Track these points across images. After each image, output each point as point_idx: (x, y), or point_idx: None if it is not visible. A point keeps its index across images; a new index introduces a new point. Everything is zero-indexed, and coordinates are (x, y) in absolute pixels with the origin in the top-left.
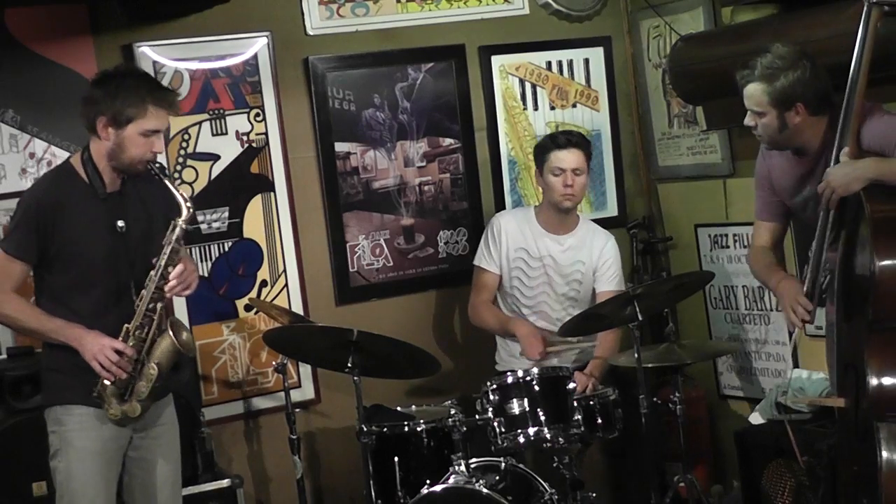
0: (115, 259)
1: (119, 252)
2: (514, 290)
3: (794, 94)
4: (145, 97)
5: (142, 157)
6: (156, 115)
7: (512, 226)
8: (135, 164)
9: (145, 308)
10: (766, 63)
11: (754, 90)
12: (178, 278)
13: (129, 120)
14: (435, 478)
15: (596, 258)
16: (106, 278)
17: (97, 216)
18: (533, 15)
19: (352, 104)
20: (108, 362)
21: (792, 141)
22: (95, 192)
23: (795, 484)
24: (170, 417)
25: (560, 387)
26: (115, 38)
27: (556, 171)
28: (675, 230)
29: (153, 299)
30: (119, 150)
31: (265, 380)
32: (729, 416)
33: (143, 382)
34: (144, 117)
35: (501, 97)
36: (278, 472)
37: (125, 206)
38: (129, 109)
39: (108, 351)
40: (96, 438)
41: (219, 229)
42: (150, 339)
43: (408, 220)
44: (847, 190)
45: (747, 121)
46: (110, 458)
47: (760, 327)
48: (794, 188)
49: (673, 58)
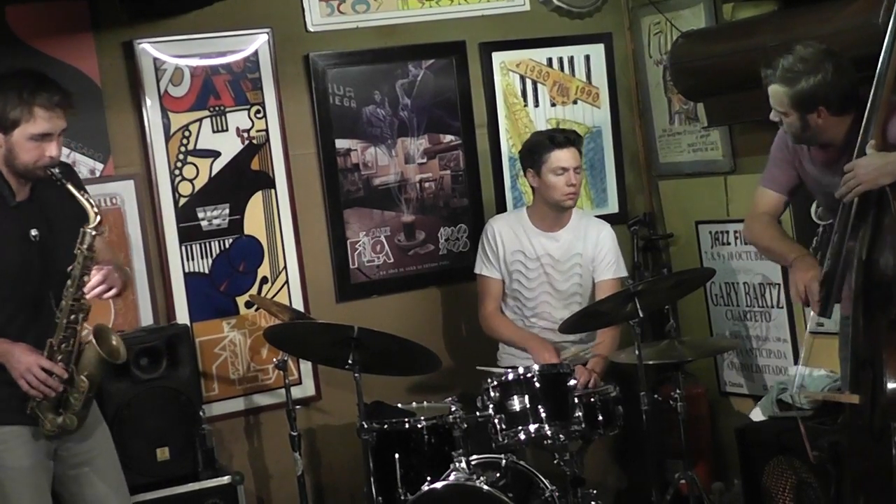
0: (30, 269)
1: (33, 262)
2: (515, 292)
3: (816, 98)
4: (30, 99)
5: (36, 163)
6: (44, 118)
7: (506, 229)
8: (30, 170)
9: (66, 320)
10: (788, 66)
11: (776, 91)
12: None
13: (14, 124)
14: (436, 475)
15: (592, 248)
16: (21, 290)
17: (8, 226)
18: (534, 11)
19: (352, 101)
20: (36, 381)
21: (817, 138)
22: (4, 200)
23: (797, 481)
24: (99, 430)
25: (561, 384)
26: (116, 34)
27: (558, 170)
28: (675, 227)
29: (72, 311)
30: (11, 156)
31: (266, 376)
32: (730, 412)
33: (76, 395)
34: (31, 121)
35: (502, 94)
36: (279, 468)
37: (37, 214)
38: (13, 112)
39: (35, 370)
40: (25, 455)
41: (219, 226)
42: (76, 351)
43: (408, 217)
44: (875, 184)
45: (772, 116)
46: (43, 471)
47: (761, 324)
48: (816, 173)
49: (674, 54)
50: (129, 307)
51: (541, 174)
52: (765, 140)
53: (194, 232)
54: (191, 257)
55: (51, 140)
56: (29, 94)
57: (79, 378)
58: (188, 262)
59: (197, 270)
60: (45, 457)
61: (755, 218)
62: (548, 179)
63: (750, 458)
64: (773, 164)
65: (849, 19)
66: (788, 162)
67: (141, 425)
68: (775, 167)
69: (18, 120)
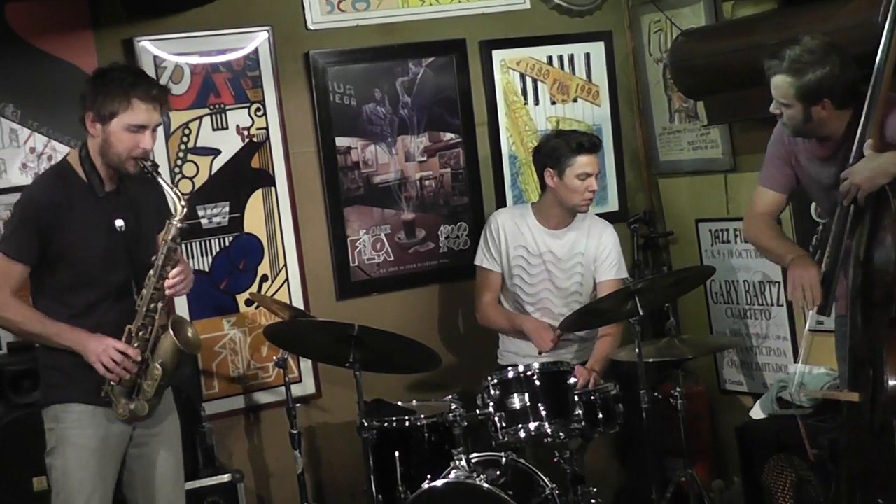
0: (115, 258)
1: (118, 251)
2: (515, 287)
3: (822, 90)
4: (129, 91)
5: (129, 154)
6: (141, 109)
7: (510, 224)
8: (123, 160)
9: (146, 308)
10: (795, 56)
11: (781, 82)
12: (178, 277)
13: (112, 114)
14: (436, 473)
15: (595, 248)
16: (106, 278)
17: (96, 215)
18: (534, 9)
19: (352, 99)
20: (112, 364)
21: (816, 132)
22: (94, 190)
23: (797, 479)
24: (168, 407)
25: (561, 381)
26: (116, 32)
27: (582, 175)
28: (676, 225)
29: (153, 299)
30: (106, 146)
31: (266, 374)
32: (730, 410)
33: (149, 382)
34: (128, 111)
35: (502, 92)
36: (279, 466)
37: (123, 205)
38: (113, 103)
39: (111, 352)
40: (93, 436)
41: (219, 224)
42: (153, 339)
43: (408, 215)
44: (872, 186)
45: (773, 108)
46: (109, 455)
47: (761, 322)
48: (813, 168)
49: (674, 52)
50: None
51: (563, 177)
52: (765, 138)
53: (194, 230)
54: (191, 255)
55: (145, 132)
56: (129, 85)
57: (153, 365)
58: (188, 259)
59: (197, 268)
60: (117, 442)
61: (753, 217)
62: (571, 183)
63: (750, 456)
64: (770, 163)
65: (849, 17)
66: (784, 160)
67: None
68: (772, 166)
69: (117, 110)
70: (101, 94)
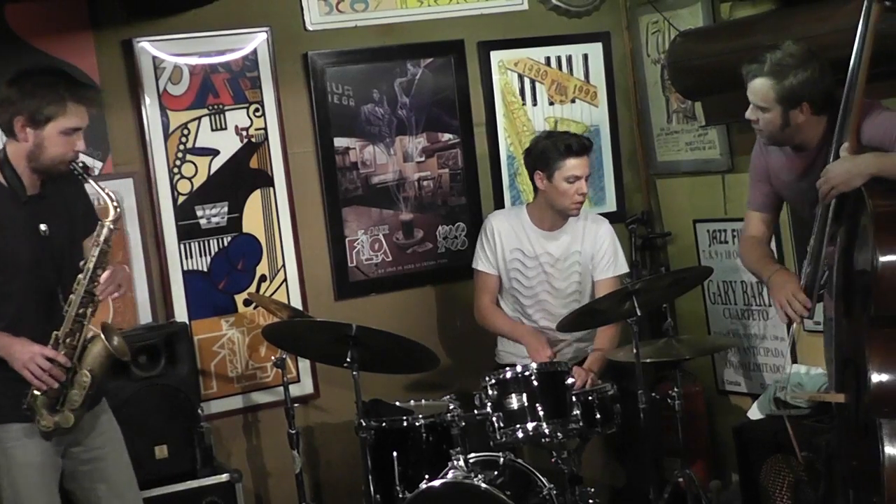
0: (40, 264)
1: (43, 256)
2: (513, 289)
3: (802, 94)
4: (64, 94)
5: (63, 157)
6: (76, 113)
7: (505, 226)
8: (56, 164)
9: (75, 313)
10: (776, 59)
11: (761, 85)
12: (108, 280)
13: (48, 119)
14: (434, 473)
15: (591, 246)
16: (30, 284)
17: (19, 220)
18: (532, 10)
19: (351, 99)
20: (40, 371)
21: (793, 138)
22: (16, 195)
23: (794, 479)
24: (108, 425)
25: (558, 382)
26: (115, 33)
27: (570, 178)
28: (673, 225)
29: (82, 304)
30: (39, 150)
31: (264, 374)
32: (727, 411)
33: (76, 391)
34: (64, 115)
35: (500, 92)
36: (277, 466)
37: (47, 209)
38: (48, 108)
39: (38, 359)
40: (36, 452)
41: (218, 224)
42: (80, 346)
43: (407, 216)
44: (848, 186)
45: (749, 114)
46: (52, 468)
47: (759, 322)
48: (793, 182)
49: (671, 53)
50: (127, 305)
51: (552, 179)
52: None
53: (193, 230)
54: (189, 255)
55: (79, 134)
56: (64, 89)
57: (82, 372)
58: (187, 260)
59: (195, 268)
60: (55, 454)
61: (743, 241)
62: (560, 186)
63: (747, 456)
64: (752, 185)
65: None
66: (763, 179)
67: (139, 423)
68: (754, 187)
69: (52, 115)
70: (32, 99)
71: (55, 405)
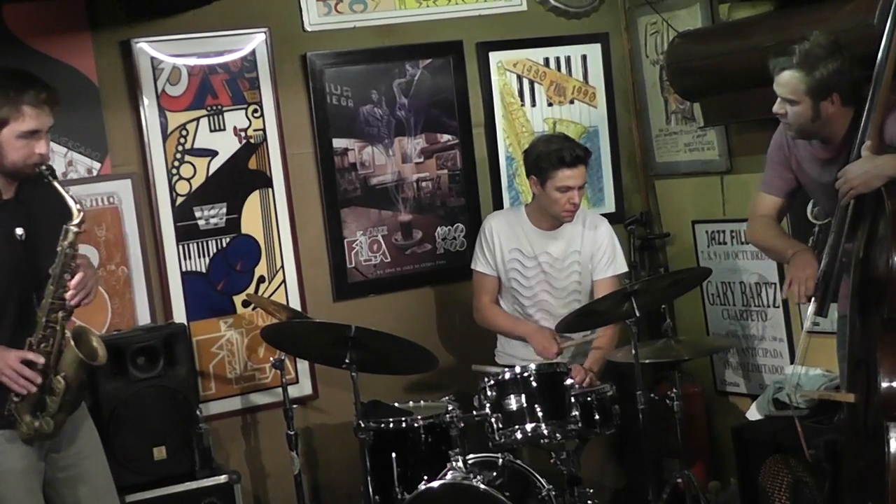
0: (16, 269)
1: (20, 261)
2: (512, 289)
3: (832, 84)
4: (17, 98)
5: (25, 161)
6: (32, 116)
7: (503, 227)
8: (19, 168)
9: (45, 319)
10: (806, 51)
11: (790, 78)
12: (77, 286)
13: (2, 123)
14: (432, 474)
15: (590, 245)
16: (8, 290)
17: None
18: (531, 11)
19: (350, 100)
20: (16, 375)
21: (821, 131)
22: None
23: (793, 480)
24: (88, 433)
25: (557, 382)
26: (114, 33)
27: (562, 188)
28: (672, 226)
29: (52, 309)
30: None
31: (263, 375)
32: (726, 412)
33: (52, 398)
34: (19, 119)
35: (499, 93)
36: (276, 467)
37: (23, 213)
38: (1, 112)
39: (15, 363)
40: (19, 457)
41: (216, 225)
42: (55, 351)
43: (405, 216)
44: (867, 187)
45: (776, 108)
46: (35, 473)
47: (758, 323)
48: (816, 172)
49: (670, 54)
50: (125, 306)
51: (544, 187)
52: (761, 140)
53: (191, 231)
54: (188, 256)
55: (39, 137)
56: (16, 92)
57: (56, 379)
58: (185, 261)
59: (194, 269)
60: (37, 459)
61: (755, 219)
62: (552, 194)
63: (746, 457)
64: (770, 168)
65: (845, 19)
66: (785, 165)
67: (138, 424)
68: (772, 171)
69: (7, 119)
70: None
71: (36, 411)
